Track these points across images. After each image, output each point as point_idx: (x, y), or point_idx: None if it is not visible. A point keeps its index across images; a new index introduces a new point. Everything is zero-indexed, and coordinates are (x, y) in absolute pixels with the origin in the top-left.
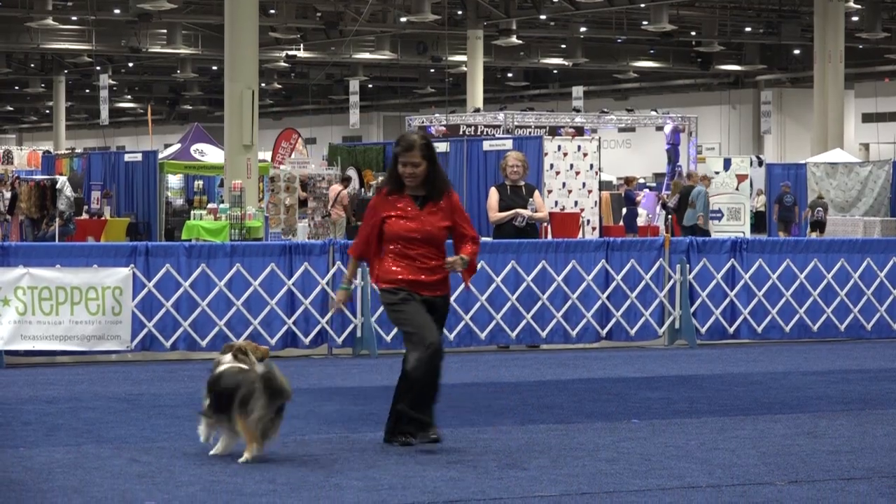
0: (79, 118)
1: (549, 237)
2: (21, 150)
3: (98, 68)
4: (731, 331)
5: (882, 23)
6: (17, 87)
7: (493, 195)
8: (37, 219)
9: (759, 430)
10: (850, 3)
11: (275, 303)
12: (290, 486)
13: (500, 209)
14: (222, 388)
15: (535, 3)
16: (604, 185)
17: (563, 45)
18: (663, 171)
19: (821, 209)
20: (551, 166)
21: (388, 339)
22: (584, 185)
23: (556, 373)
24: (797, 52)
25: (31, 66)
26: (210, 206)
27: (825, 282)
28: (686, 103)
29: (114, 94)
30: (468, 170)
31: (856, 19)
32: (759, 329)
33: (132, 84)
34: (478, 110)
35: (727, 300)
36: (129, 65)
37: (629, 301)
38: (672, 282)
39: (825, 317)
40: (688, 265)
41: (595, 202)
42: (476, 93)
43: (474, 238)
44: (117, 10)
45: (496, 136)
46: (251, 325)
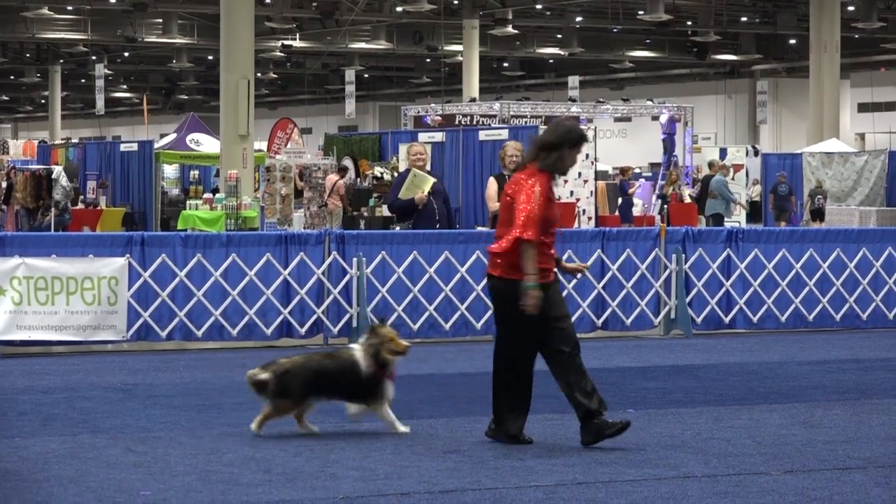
0: (74, 108)
1: None
2: (17, 140)
3: (94, 58)
4: (727, 321)
5: (878, 12)
6: (12, 77)
7: (492, 185)
8: (32, 209)
9: (755, 420)
10: None
11: (270, 293)
12: (286, 476)
13: (499, 199)
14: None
15: None
16: (600, 175)
17: (559, 35)
18: (659, 160)
19: (821, 197)
20: None
21: None
22: (579, 174)
23: None
24: (793, 41)
25: (27, 55)
26: (206, 195)
27: (821, 272)
28: (682, 93)
29: (109, 83)
30: (464, 160)
31: (852, 9)
32: (755, 319)
33: (128, 74)
34: (474, 100)
35: (723, 290)
36: (125, 54)
37: (625, 291)
38: (668, 272)
39: (821, 307)
40: (683, 255)
41: (591, 192)
42: (472, 82)
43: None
44: (113, 0)
45: (492, 125)
46: (247, 316)
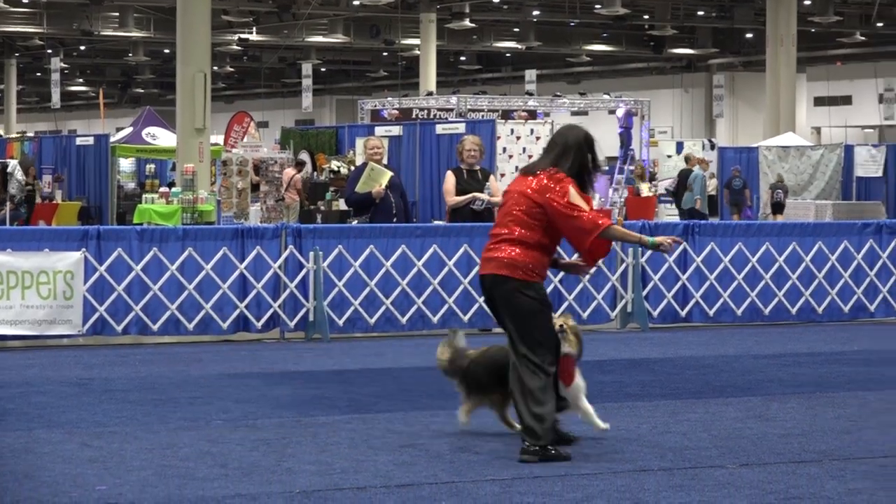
0: (30, 101)
1: None
2: None
3: (49, 51)
4: (683, 314)
5: (834, 7)
6: None
7: (450, 179)
8: None
9: (711, 414)
10: None
11: (227, 287)
12: (242, 470)
13: (457, 193)
14: None
15: None
16: None
17: (517, 29)
18: (616, 154)
19: (780, 191)
20: (504, 150)
21: (341, 322)
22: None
23: None
24: (750, 35)
25: None
26: (162, 189)
27: (777, 265)
28: (639, 87)
29: (65, 77)
30: (421, 154)
31: (808, 3)
32: (711, 312)
33: (84, 67)
34: (431, 94)
35: (679, 284)
36: (81, 48)
37: (581, 284)
38: (624, 265)
39: (777, 300)
40: (640, 248)
41: None
42: (429, 76)
43: None
44: None
45: (449, 119)
46: (203, 310)
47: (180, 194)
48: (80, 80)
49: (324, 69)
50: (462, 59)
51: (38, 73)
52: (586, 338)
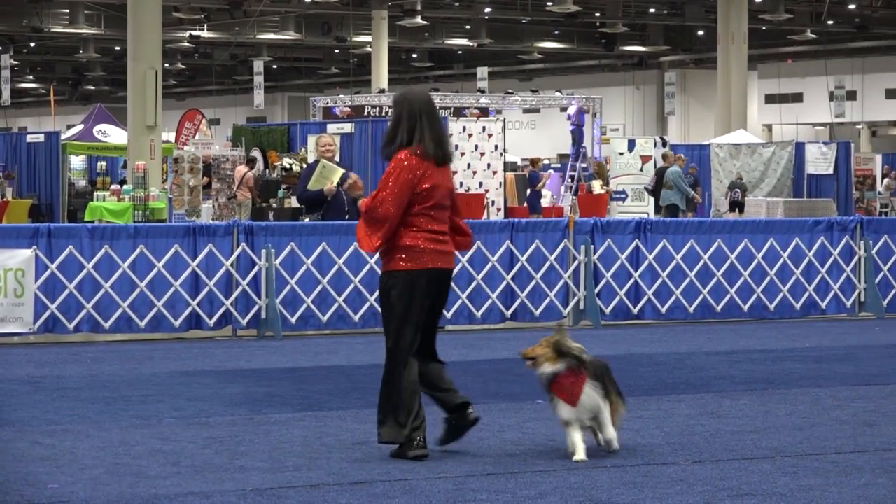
0: None
1: None
2: None
3: None
4: (636, 311)
5: (785, 4)
6: None
7: None
8: None
9: (664, 411)
10: None
11: (179, 284)
12: (195, 468)
13: None
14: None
15: None
16: (508, 167)
17: (468, 26)
18: (568, 152)
19: (738, 190)
20: (456, 147)
21: (293, 320)
22: (488, 165)
23: (461, 353)
24: (701, 33)
25: None
26: (113, 187)
27: (728, 262)
28: (590, 84)
29: (15, 74)
30: (373, 151)
31: (759, 1)
32: (663, 310)
33: (34, 64)
34: (383, 91)
35: (631, 281)
36: (31, 45)
37: (534, 282)
38: (576, 263)
39: (728, 297)
40: (592, 246)
41: (500, 183)
42: (381, 73)
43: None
44: None
45: None
46: (155, 307)
47: (132, 192)
48: (31, 77)
49: (275, 66)
50: (414, 56)
51: None
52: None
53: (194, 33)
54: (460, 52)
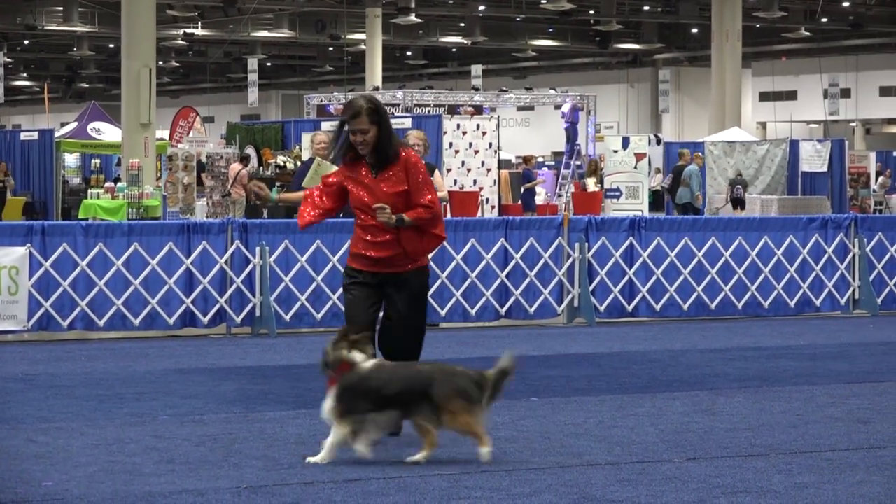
0: None
1: (449, 216)
2: None
3: None
4: (630, 309)
5: (779, 2)
6: None
7: None
8: None
9: (658, 408)
10: None
11: (173, 282)
12: (189, 465)
13: None
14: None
15: None
16: (503, 164)
17: (462, 24)
18: (562, 149)
19: (740, 187)
20: (450, 145)
21: (287, 318)
22: (483, 163)
23: (456, 351)
24: (695, 31)
25: None
26: (107, 184)
27: (723, 260)
28: (585, 82)
29: (9, 71)
30: None
31: None
32: (658, 307)
33: (28, 62)
34: (377, 89)
35: (626, 278)
36: (25, 42)
37: (528, 280)
38: (571, 260)
39: (723, 295)
40: (587, 244)
41: (494, 181)
42: (375, 71)
43: (426, 205)
44: None
45: (395, 114)
46: (149, 305)
47: (126, 189)
48: (24, 74)
49: (269, 64)
50: (408, 54)
51: None
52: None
53: (188, 31)
54: (454, 50)
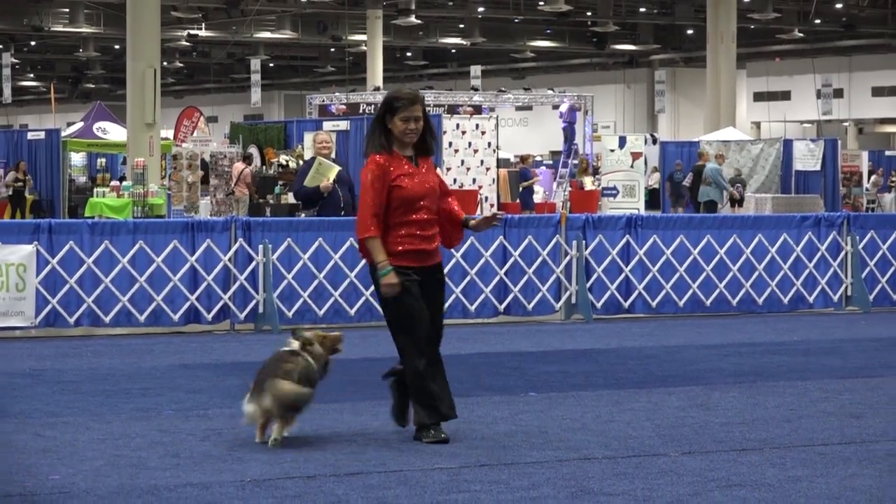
0: None
1: None
2: None
3: (0, 47)
4: (626, 305)
5: (773, 4)
6: None
7: None
8: None
9: (654, 403)
10: None
11: (178, 279)
12: (194, 459)
13: None
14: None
15: None
16: (501, 163)
17: (462, 25)
18: (560, 149)
19: (739, 185)
20: (450, 144)
21: (290, 314)
22: (482, 162)
23: (456, 347)
24: (690, 32)
25: None
26: (113, 183)
27: (718, 257)
28: (582, 82)
29: (16, 72)
30: None
31: (747, 0)
32: (654, 304)
33: (35, 63)
34: (378, 89)
35: (622, 276)
36: (32, 43)
37: (526, 277)
38: (568, 258)
39: (718, 292)
40: (584, 241)
41: (493, 179)
42: (376, 72)
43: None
44: None
45: None
46: (154, 302)
47: (131, 188)
48: (31, 75)
49: (272, 65)
50: (408, 54)
51: None
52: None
53: (192, 32)
54: (454, 51)
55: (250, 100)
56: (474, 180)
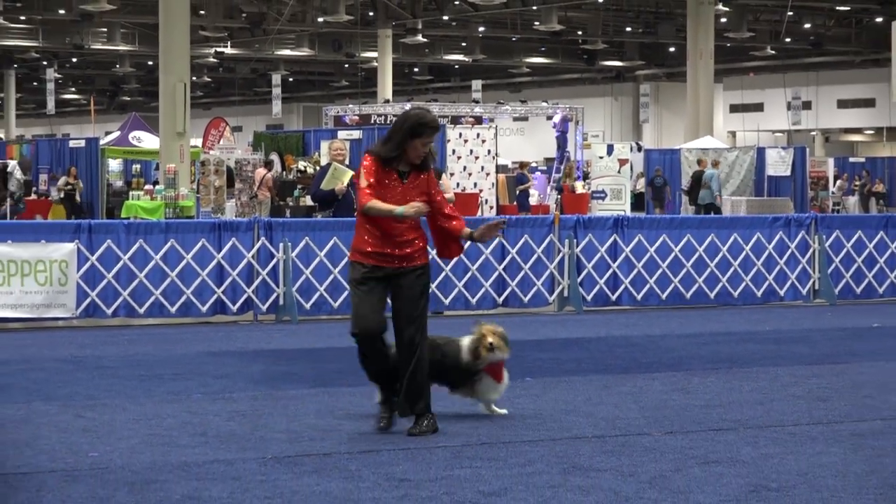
0: (28, 108)
1: None
2: None
3: (45, 63)
4: (614, 298)
5: (747, 24)
6: None
7: None
8: None
9: (639, 387)
10: (720, 6)
11: (205, 274)
12: (220, 438)
13: None
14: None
15: (439, 5)
16: (500, 169)
17: (464, 43)
18: (553, 156)
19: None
20: (453, 152)
21: (308, 306)
22: (482, 168)
23: (458, 336)
24: (672, 49)
25: None
26: (147, 187)
27: (697, 255)
28: (573, 95)
29: (59, 86)
30: None
31: (724, 20)
32: (639, 297)
33: (76, 77)
34: (387, 101)
35: (610, 271)
36: (73, 60)
37: (523, 272)
38: (561, 255)
39: (697, 286)
40: (575, 240)
41: (492, 184)
42: (386, 86)
43: (457, 216)
44: (62, 11)
45: None
46: (184, 295)
47: (163, 191)
48: (73, 88)
49: (291, 79)
50: (415, 70)
51: (35, 83)
52: (527, 319)
53: (219, 50)
54: (457, 67)
55: (272, 111)
56: (475, 184)
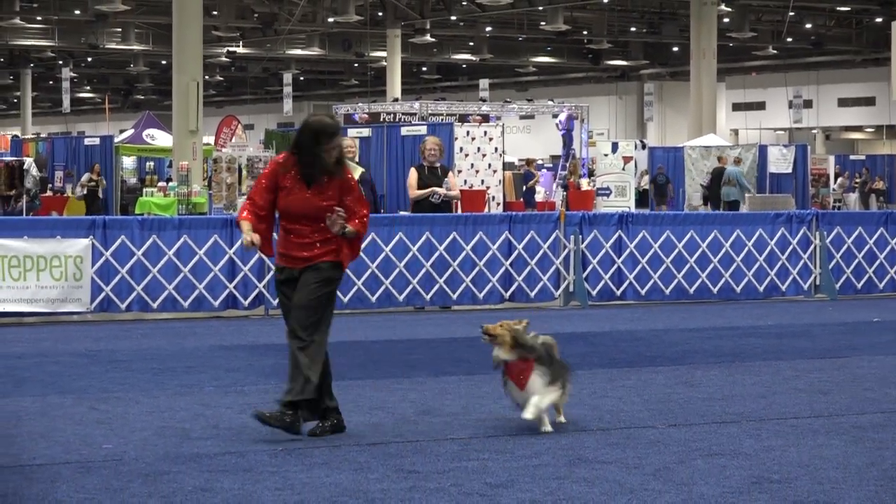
0: (43, 106)
1: (460, 212)
2: None
3: (60, 62)
4: (619, 293)
5: (749, 24)
6: None
7: (413, 175)
8: (6, 196)
9: (643, 381)
10: (722, 7)
11: (218, 269)
12: (232, 430)
13: (419, 187)
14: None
15: (447, 5)
16: (507, 166)
17: (471, 43)
18: (559, 153)
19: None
20: (461, 149)
21: None
22: (489, 165)
23: (465, 331)
24: (676, 49)
25: (1, 60)
26: (160, 184)
27: (700, 250)
28: (579, 94)
29: (74, 85)
30: (388, 152)
31: (727, 20)
32: (643, 292)
33: (91, 76)
34: (396, 100)
35: (615, 266)
36: (88, 59)
37: (529, 268)
38: (567, 251)
39: (700, 281)
40: (580, 236)
41: (499, 181)
42: (395, 85)
43: (362, 218)
44: (77, 11)
45: (412, 122)
46: (197, 290)
47: (176, 188)
48: (88, 87)
49: (302, 78)
50: (424, 69)
51: (51, 82)
52: (533, 314)
53: (231, 49)
54: (464, 66)
55: (283, 109)
56: (483, 181)
